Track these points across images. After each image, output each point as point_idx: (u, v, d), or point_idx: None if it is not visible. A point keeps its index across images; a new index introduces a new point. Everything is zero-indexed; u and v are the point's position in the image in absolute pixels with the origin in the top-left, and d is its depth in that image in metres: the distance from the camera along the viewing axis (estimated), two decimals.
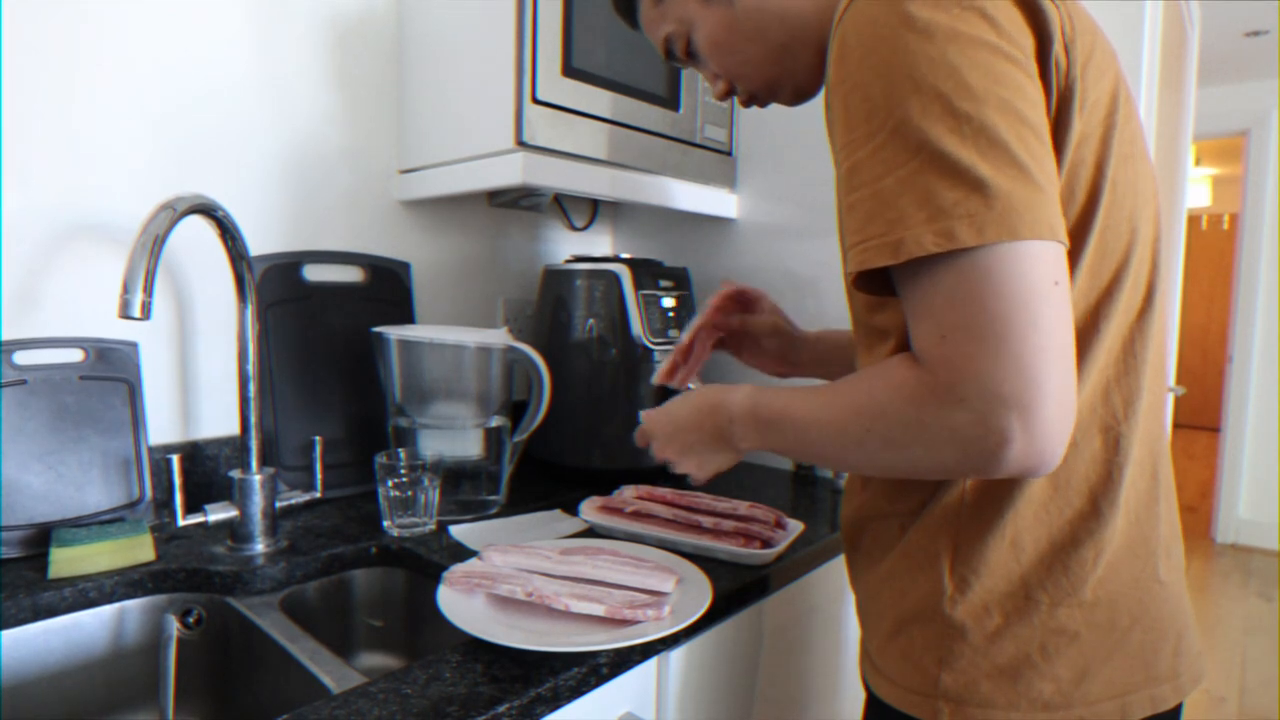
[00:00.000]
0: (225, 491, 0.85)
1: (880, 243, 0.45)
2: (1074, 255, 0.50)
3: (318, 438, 0.95)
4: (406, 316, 1.15)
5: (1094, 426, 0.53)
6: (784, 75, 0.66)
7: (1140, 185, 0.54)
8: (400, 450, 0.94)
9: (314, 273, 1.05)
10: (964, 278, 0.43)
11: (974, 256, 0.43)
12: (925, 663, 0.55)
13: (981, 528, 0.53)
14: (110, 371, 0.87)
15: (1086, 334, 0.52)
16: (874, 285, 0.50)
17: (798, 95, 0.69)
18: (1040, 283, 0.43)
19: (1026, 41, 0.47)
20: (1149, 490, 0.56)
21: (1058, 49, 0.48)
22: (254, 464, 0.84)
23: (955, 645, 0.53)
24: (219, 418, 1.00)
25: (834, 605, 0.98)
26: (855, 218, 0.48)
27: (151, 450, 0.90)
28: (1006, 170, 0.43)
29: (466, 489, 0.98)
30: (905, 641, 0.57)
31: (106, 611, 0.76)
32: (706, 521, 0.86)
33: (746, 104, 0.72)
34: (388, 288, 1.13)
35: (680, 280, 1.19)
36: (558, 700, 0.59)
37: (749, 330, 0.87)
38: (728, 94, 0.71)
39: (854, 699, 1.03)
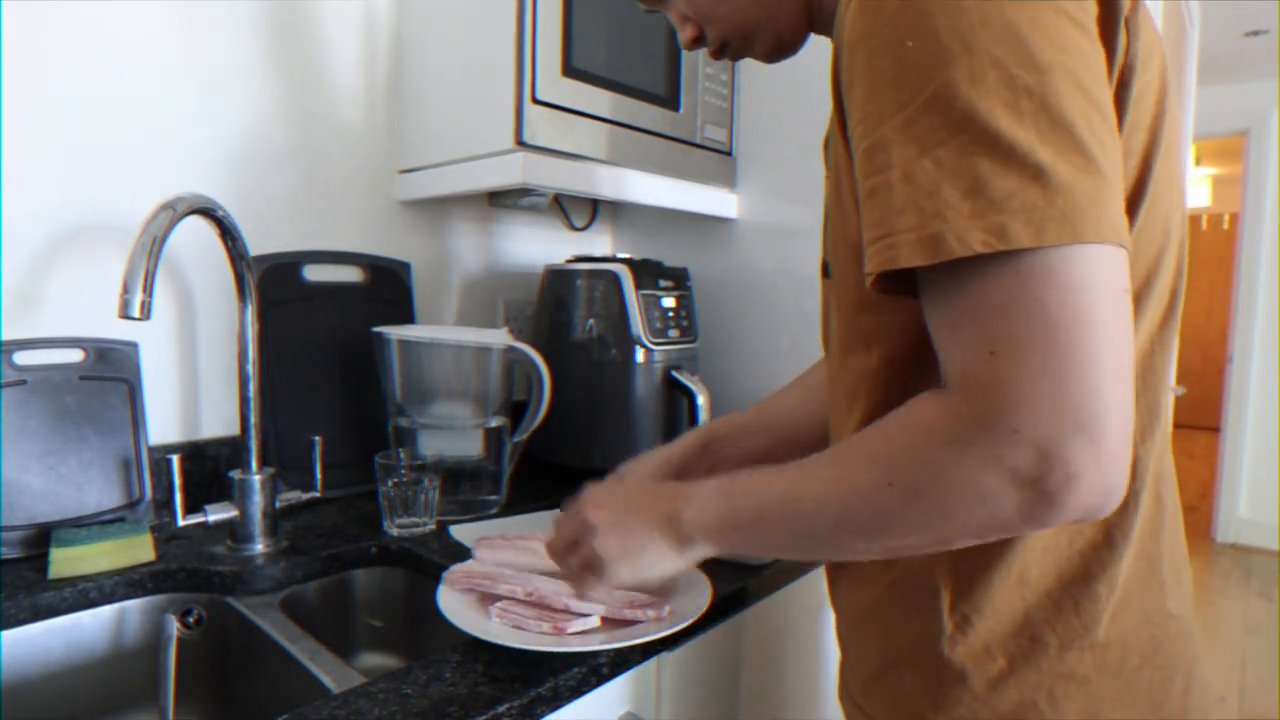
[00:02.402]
0: (225, 491, 0.85)
1: (914, 238, 0.38)
2: None
3: (318, 438, 0.95)
4: (406, 316, 1.15)
5: None
6: (764, 20, 0.59)
7: (1176, 183, 0.49)
8: (400, 450, 0.94)
9: (314, 273, 1.05)
10: (1022, 283, 0.36)
11: (1032, 258, 0.36)
12: (919, 707, 0.50)
13: (987, 562, 0.47)
14: (110, 371, 0.87)
15: None
16: (894, 285, 0.42)
17: (776, 48, 0.61)
18: (1108, 290, 0.36)
19: (1091, 7, 0.40)
20: (1154, 516, 0.51)
21: (1123, 21, 0.41)
22: (254, 464, 0.84)
23: (953, 690, 0.48)
24: (219, 418, 1.00)
25: None
26: (877, 206, 0.40)
27: (151, 450, 0.90)
28: (1071, 157, 0.36)
29: (466, 489, 0.98)
30: (895, 682, 0.52)
31: (106, 611, 0.76)
32: None
33: (717, 54, 0.63)
34: (388, 288, 1.13)
35: (680, 280, 1.19)
36: (558, 700, 0.59)
37: None
38: (696, 40, 0.63)
39: None
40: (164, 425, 0.95)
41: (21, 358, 0.82)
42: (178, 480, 0.79)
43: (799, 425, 0.76)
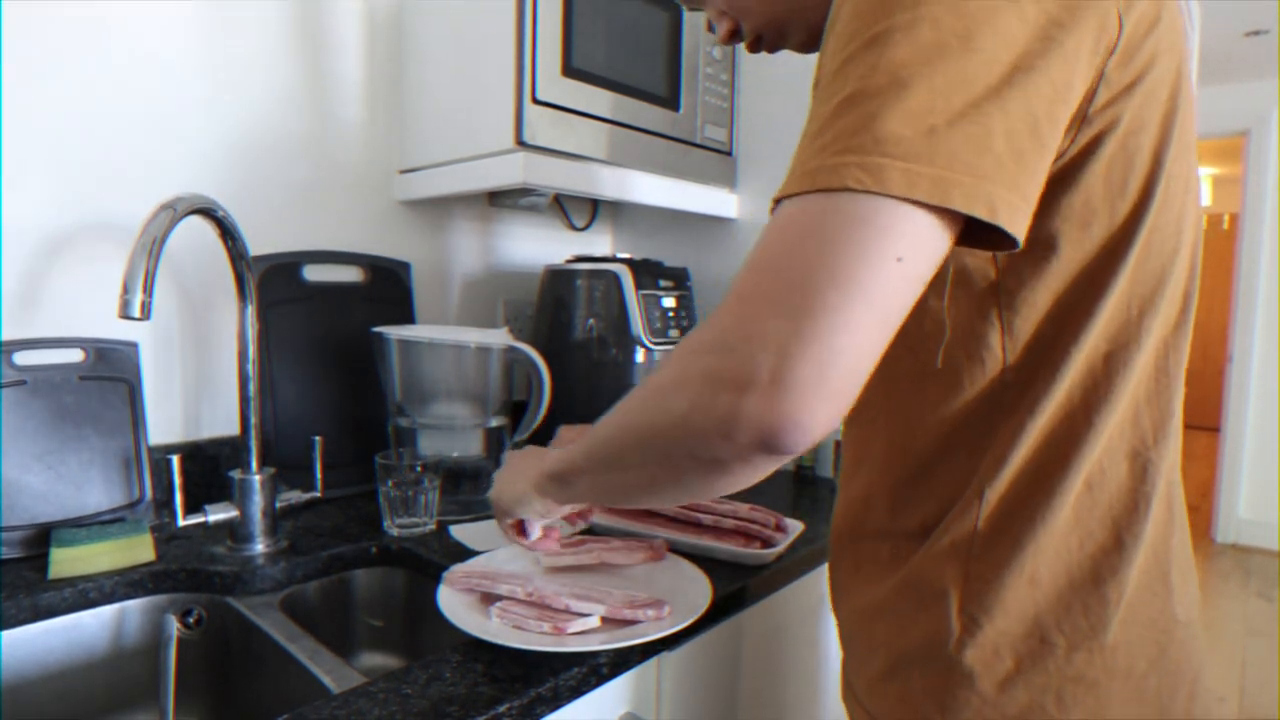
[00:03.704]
0: (225, 491, 0.85)
1: (799, 170, 0.38)
2: (1120, 255, 0.45)
3: (318, 438, 0.95)
4: (406, 316, 1.15)
5: (1121, 451, 0.48)
6: (794, 12, 0.60)
7: (1190, 184, 0.48)
8: (400, 450, 0.94)
9: (314, 273, 1.05)
10: (825, 214, 0.37)
11: (861, 201, 0.36)
12: (926, 709, 0.49)
13: (998, 562, 0.47)
14: (110, 371, 0.87)
15: (1127, 346, 0.46)
16: None
17: (810, 38, 0.61)
18: (889, 249, 0.36)
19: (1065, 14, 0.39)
20: (1166, 521, 0.51)
21: (1119, 11, 0.41)
22: (254, 464, 0.84)
23: (961, 692, 0.48)
24: (219, 418, 1.00)
25: None
26: (797, 149, 0.40)
27: (151, 450, 0.90)
28: (969, 125, 0.36)
29: (466, 489, 0.98)
30: (902, 684, 0.51)
31: (106, 612, 0.76)
32: (706, 519, 0.86)
33: (753, 48, 0.64)
34: (388, 288, 1.13)
35: (680, 280, 1.19)
36: (558, 700, 0.59)
37: None
38: (733, 34, 0.64)
39: None
40: (164, 425, 0.95)
41: (21, 358, 0.82)
42: (178, 480, 0.79)
43: None
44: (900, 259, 0.36)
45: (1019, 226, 0.38)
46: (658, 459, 0.44)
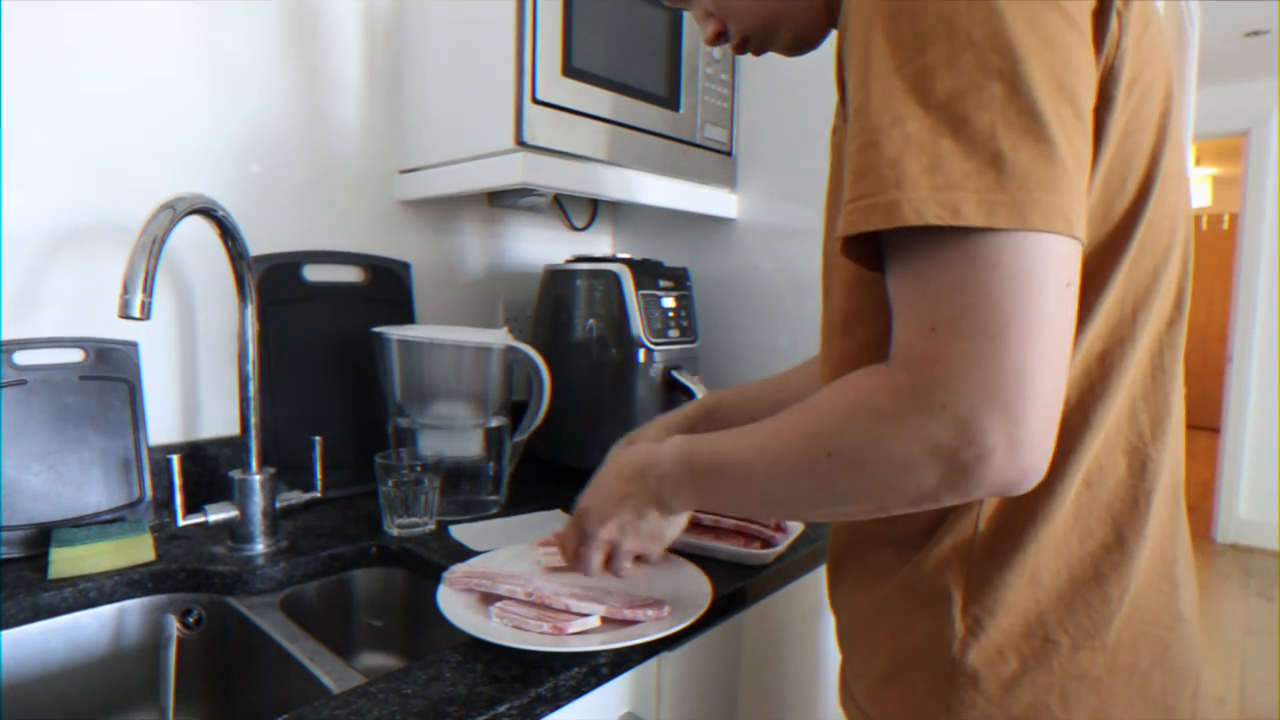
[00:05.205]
0: (225, 491, 0.85)
1: (872, 203, 0.39)
2: (1116, 253, 0.46)
3: (318, 438, 0.95)
4: (406, 316, 1.15)
5: (1119, 448, 0.48)
6: (782, 15, 0.60)
7: (1181, 181, 0.49)
8: (400, 450, 0.94)
9: (314, 273, 1.05)
10: (968, 264, 0.37)
11: (982, 240, 0.37)
12: (930, 711, 0.49)
13: (999, 562, 0.47)
14: (110, 371, 0.87)
15: (1123, 343, 0.47)
16: (866, 258, 0.44)
17: (797, 41, 0.62)
18: (1053, 281, 0.38)
19: (1087, 3, 0.40)
20: (1171, 519, 0.51)
21: (1114, 13, 0.41)
22: (254, 464, 0.84)
23: (966, 694, 0.48)
24: (219, 418, 1.00)
25: None
26: (852, 169, 0.41)
27: (151, 450, 0.90)
28: (1031, 145, 0.37)
29: (466, 489, 0.98)
30: (903, 686, 0.51)
31: (106, 612, 0.76)
32: (706, 519, 0.86)
33: (739, 49, 0.64)
34: (388, 288, 1.13)
35: (680, 280, 1.19)
36: (558, 700, 0.59)
37: None
38: (719, 36, 0.64)
39: None
40: (164, 425, 0.95)
41: (21, 358, 0.82)
42: (178, 480, 0.79)
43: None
44: (1069, 284, 0.39)
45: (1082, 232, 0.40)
46: (871, 508, 0.44)
